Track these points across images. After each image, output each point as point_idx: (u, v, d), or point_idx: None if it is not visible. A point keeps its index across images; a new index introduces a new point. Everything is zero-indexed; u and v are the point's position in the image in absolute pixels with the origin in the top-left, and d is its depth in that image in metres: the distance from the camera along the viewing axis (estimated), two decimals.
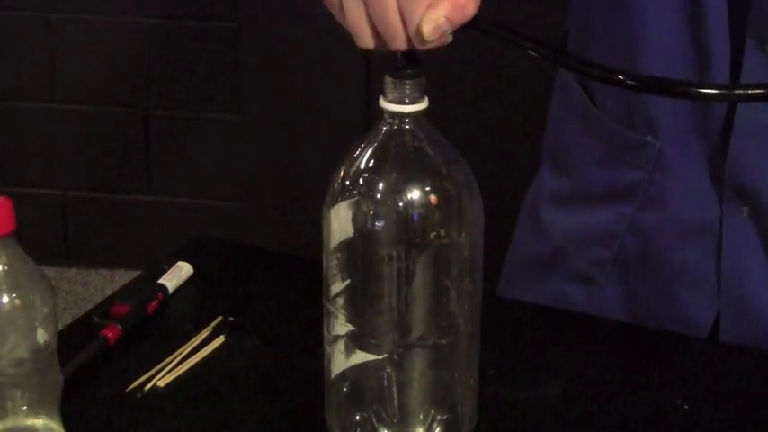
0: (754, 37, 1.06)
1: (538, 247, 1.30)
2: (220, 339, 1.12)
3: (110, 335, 1.10)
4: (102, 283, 2.94)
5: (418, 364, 0.92)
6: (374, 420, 0.94)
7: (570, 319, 1.19)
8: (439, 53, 0.91)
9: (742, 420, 1.04)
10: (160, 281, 1.19)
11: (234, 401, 1.05)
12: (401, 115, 0.89)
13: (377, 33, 0.88)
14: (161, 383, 1.06)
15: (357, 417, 0.95)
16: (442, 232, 0.89)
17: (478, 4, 0.89)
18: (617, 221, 1.20)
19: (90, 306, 1.20)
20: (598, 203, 1.21)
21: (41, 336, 0.90)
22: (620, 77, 0.87)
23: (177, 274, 1.21)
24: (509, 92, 2.58)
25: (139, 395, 1.05)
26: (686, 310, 1.19)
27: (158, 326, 1.15)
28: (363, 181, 0.89)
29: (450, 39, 0.90)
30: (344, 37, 0.90)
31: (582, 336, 1.16)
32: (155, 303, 1.16)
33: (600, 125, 1.19)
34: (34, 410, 0.92)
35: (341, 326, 0.92)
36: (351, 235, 0.90)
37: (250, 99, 2.71)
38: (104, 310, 1.15)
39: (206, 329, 1.14)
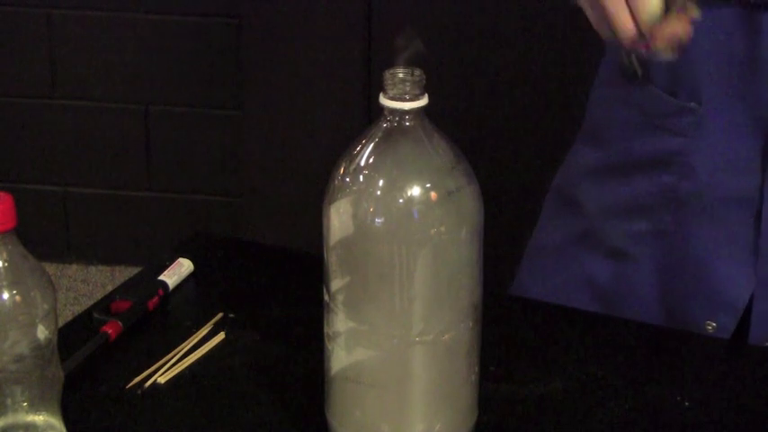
0: None
1: (566, 228, 1.30)
2: (221, 336, 1.12)
3: (110, 331, 1.10)
4: (103, 279, 2.94)
5: (419, 360, 0.92)
6: (375, 417, 0.94)
7: (571, 316, 1.19)
8: (439, 52, 0.91)
9: (742, 417, 1.04)
10: (160, 277, 1.19)
11: (234, 398, 1.05)
12: (401, 112, 0.89)
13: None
14: (161, 380, 1.06)
15: (357, 413, 0.95)
16: (442, 228, 0.89)
17: None
18: (656, 192, 1.19)
19: (90, 302, 1.20)
20: (637, 173, 1.21)
21: (42, 332, 0.90)
22: None
23: (177, 271, 1.21)
24: (509, 91, 2.58)
25: (140, 391, 1.05)
26: (722, 284, 1.18)
27: (159, 322, 1.15)
28: (363, 177, 0.89)
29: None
30: (345, 33, 0.91)
31: (583, 332, 1.16)
32: (155, 300, 1.16)
33: (643, 90, 1.19)
34: (34, 407, 0.92)
35: (341, 322, 0.92)
36: (351, 231, 0.90)
37: (250, 95, 2.71)
38: (105, 306, 1.15)
39: (206, 326, 1.14)
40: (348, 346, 0.93)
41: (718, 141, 1.14)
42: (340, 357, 0.94)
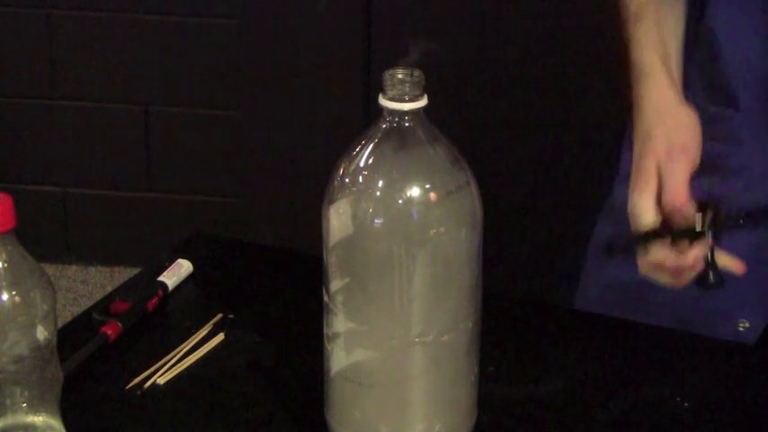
0: None
1: (605, 232, 1.31)
2: (220, 336, 1.12)
3: (110, 332, 1.10)
4: (102, 280, 2.94)
5: (418, 361, 0.92)
6: (374, 417, 0.94)
7: (571, 316, 1.19)
8: (439, 52, 0.91)
9: (741, 418, 1.04)
10: (160, 278, 1.19)
11: (233, 399, 1.05)
12: (400, 113, 0.89)
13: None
14: (161, 381, 1.06)
15: (357, 414, 0.95)
16: (442, 229, 0.89)
17: None
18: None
19: (90, 303, 1.20)
20: None
21: (41, 333, 0.90)
22: None
23: (177, 272, 1.21)
24: (509, 91, 2.58)
25: (139, 392, 1.05)
26: (749, 288, 1.18)
27: (158, 323, 1.15)
28: (363, 178, 0.89)
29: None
30: (345, 33, 0.91)
31: (582, 333, 1.16)
32: (155, 300, 1.16)
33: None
34: (34, 407, 0.92)
35: (341, 323, 0.92)
36: (350, 232, 0.90)
37: (250, 96, 2.71)
38: (104, 307, 1.15)
39: (206, 327, 1.14)
40: (347, 347, 0.93)
41: (754, 148, 1.14)
42: (339, 358, 0.94)
